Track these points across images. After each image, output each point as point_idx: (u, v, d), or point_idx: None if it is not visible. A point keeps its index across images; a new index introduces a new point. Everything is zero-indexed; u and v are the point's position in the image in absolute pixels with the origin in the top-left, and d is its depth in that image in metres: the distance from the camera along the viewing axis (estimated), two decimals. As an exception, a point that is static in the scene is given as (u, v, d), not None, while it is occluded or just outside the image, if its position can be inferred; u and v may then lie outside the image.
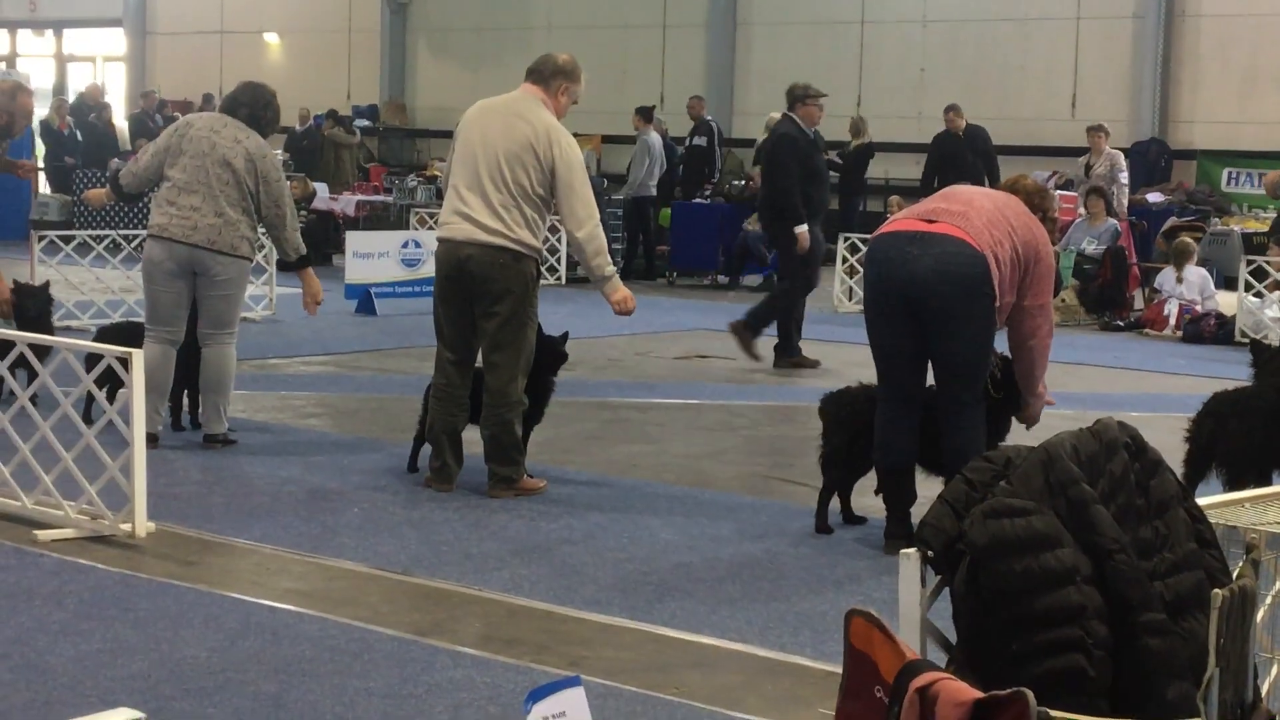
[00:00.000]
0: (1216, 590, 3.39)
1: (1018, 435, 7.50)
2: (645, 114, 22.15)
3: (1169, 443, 7.24)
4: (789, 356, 13.66)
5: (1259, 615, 4.00)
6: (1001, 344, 7.59)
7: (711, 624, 6.26)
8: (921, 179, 21.53)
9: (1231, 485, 7.45)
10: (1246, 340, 16.05)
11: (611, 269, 8.53)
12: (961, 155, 20.82)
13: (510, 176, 8.29)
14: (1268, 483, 7.43)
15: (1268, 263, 16.68)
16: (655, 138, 22.01)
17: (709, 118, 23.84)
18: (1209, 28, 23.95)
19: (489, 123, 8.45)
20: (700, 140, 23.30)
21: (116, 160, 23.05)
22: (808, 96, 13.55)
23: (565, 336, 8.82)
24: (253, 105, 9.48)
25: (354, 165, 27.43)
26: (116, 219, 22.14)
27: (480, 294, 8.32)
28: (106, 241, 15.63)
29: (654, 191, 22.00)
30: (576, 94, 8.65)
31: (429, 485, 8.48)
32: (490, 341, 8.37)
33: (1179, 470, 7.61)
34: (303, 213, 20.35)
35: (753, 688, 5.58)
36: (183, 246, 9.14)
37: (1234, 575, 3.78)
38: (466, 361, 8.51)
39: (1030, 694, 3.14)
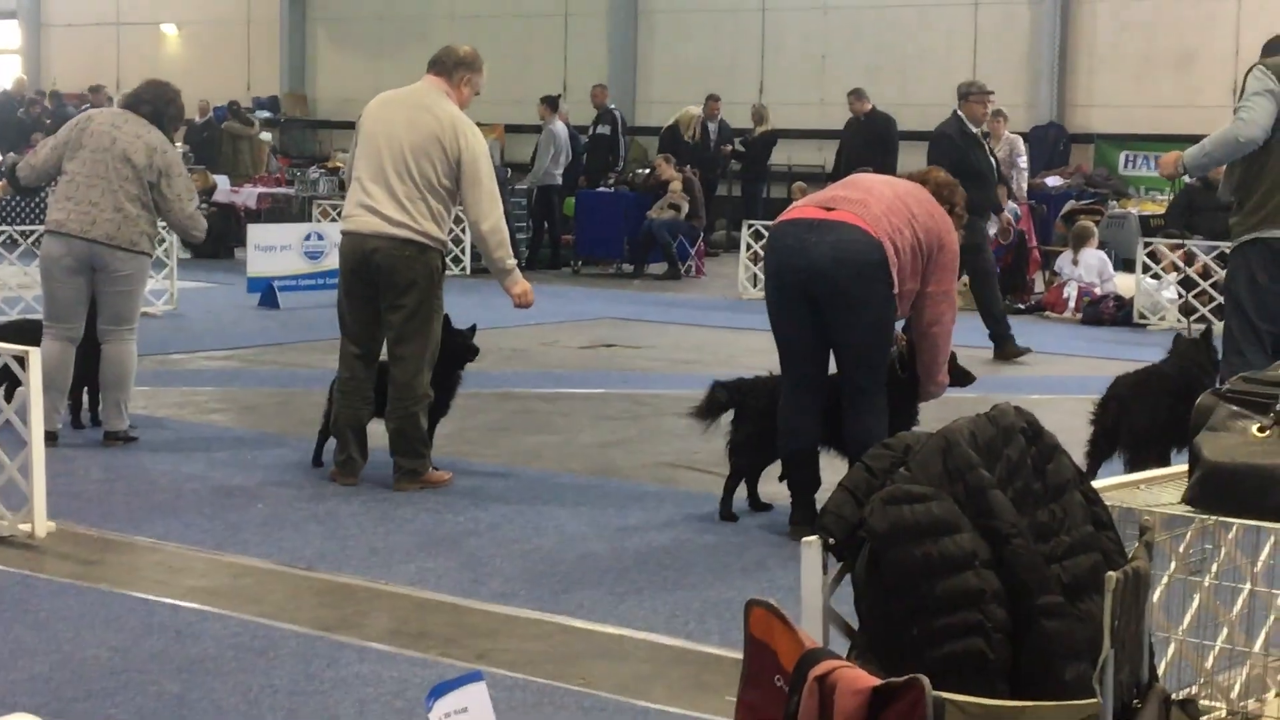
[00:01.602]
0: (1110, 573, 3.43)
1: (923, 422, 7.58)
2: (551, 103, 22.10)
3: (1069, 425, 7.33)
4: (1003, 348, 13.96)
5: (1154, 595, 4.06)
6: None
7: (618, 614, 6.28)
8: (833, 165, 21.62)
9: (1133, 465, 7.53)
10: (1144, 321, 16.31)
11: (513, 262, 8.55)
12: (858, 140, 20.95)
13: (416, 168, 8.25)
14: (1167, 463, 7.53)
15: (1164, 244, 16.89)
16: (560, 127, 21.97)
17: (612, 106, 23.86)
18: (1105, 12, 24.24)
19: (393, 115, 8.41)
20: (604, 129, 23.32)
21: (13, 154, 22.72)
22: (969, 94, 14.01)
23: (473, 329, 8.81)
24: (155, 102, 9.40)
25: (254, 157, 27.15)
26: (13, 214, 21.83)
27: (386, 286, 8.28)
28: (3, 237, 15.42)
29: (559, 180, 21.97)
30: (479, 85, 8.64)
31: (334, 479, 8.44)
32: (396, 334, 8.34)
33: (1081, 454, 7.72)
34: (204, 206, 20.15)
35: (659, 676, 5.60)
36: (81, 242, 9.04)
37: (1129, 557, 3.83)
38: (371, 355, 8.48)
39: (926, 680, 3.17)
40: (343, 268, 8.53)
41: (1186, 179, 11.48)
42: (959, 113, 13.94)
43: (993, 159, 14.01)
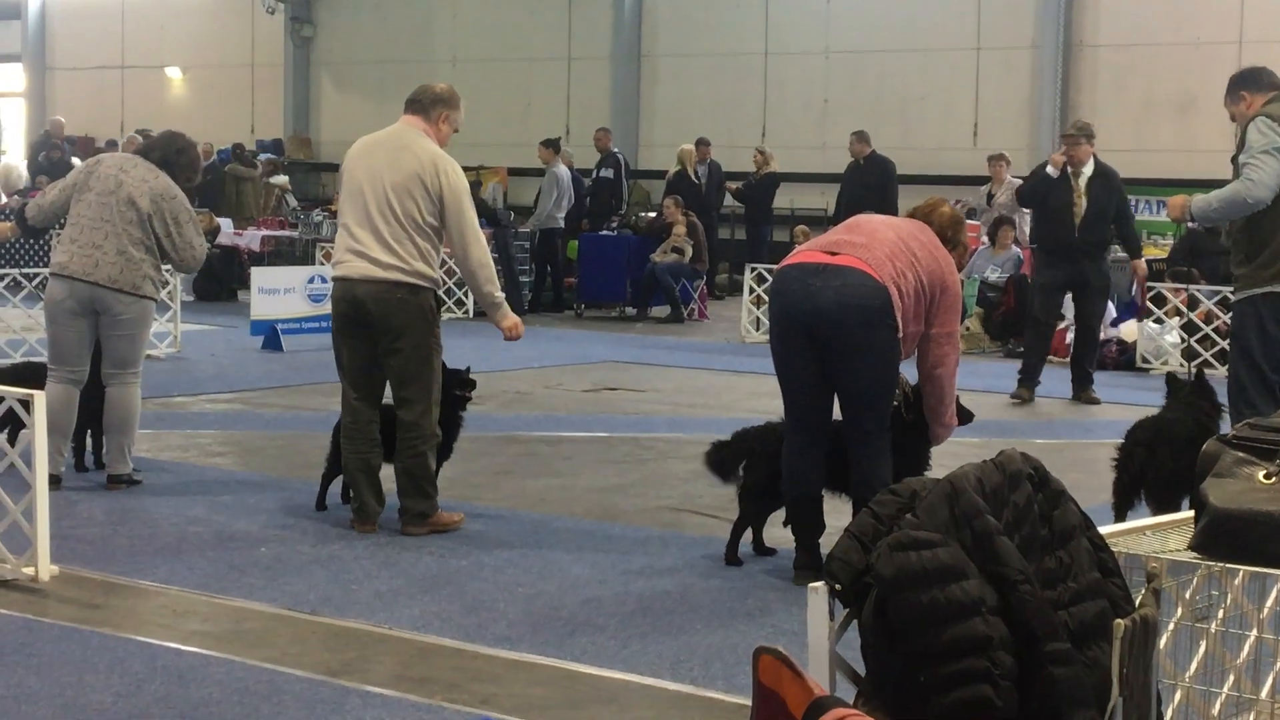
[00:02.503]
0: (1119, 620, 3.44)
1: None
2: (553, 146, 22.13)
3: (1075, 470, 7.34)
4: (1024, 386, 14.18)
5: (1161, 642, 4.05)
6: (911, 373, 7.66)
7: (622, 659, 6.26)
8: (835, 208, 21.68)
9: (1161, 513, 7.44)
10: (1147, 366, 16.32)
11: (501, 295, 8.59)
12: (857, 183, 21.01)
13: (400, 208, 8.26)
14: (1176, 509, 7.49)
15: (1166, 289, 16.91)
16: (563, 170, 21.99)
17: (615, 150, 23.89)
18: (1106, 57, 24.33)
19: (374, 157, 8.43)
20: (607, 172, 23.34)
21: (17, 196, 22.79)
22: (1060, 136, 14.45)
23: (468, 371, 8.81)
24: (165, 149, 9.46)
25: (257, 199, 27.19)
26: (18, 257, 21.89)
27: (381, 331, 8.28)
28: (7, 280, 15.45)
29: (562, 223, 21.98)
30: (457, 121, 8.65)
31: (353, 527, 8.38)
32: (397, 377, 8.33)
33: (1109, 501, 7.69)
34: (209, 248, 20.17)
35: (664, 722, 5.58)
36: (84, 285, 9.06)
37: (1136, 604, 3.83)
38: (372, 397, 8.46)
39: (936, 727, 3.17)
40: (336, 313, 8.51)
41: (1189, 225, 11.52)
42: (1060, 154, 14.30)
43: (1082, 201, 13.92)
